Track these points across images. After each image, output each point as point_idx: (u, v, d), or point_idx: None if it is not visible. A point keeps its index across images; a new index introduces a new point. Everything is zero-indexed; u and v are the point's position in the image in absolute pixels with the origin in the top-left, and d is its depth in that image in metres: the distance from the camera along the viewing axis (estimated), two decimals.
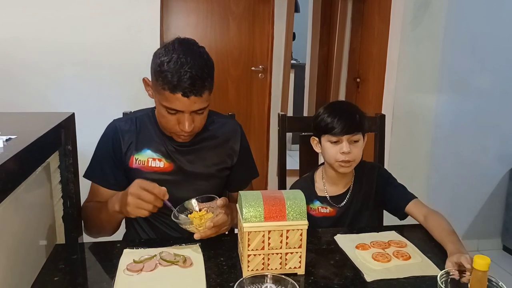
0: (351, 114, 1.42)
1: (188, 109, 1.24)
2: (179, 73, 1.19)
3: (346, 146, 1.40)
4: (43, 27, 2.37)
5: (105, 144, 1.41)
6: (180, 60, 1.20)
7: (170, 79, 1.19)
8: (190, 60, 1.20)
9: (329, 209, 1.50)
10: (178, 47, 1.23)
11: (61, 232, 1.34)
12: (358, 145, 1.43)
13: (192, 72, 1.19)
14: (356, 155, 1.42)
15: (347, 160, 1.41)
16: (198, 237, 1.18)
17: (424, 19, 2.62)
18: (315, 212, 1.50)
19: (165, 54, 1.23)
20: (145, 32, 2.48)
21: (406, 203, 1.42)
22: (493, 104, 2.80)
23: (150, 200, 1.15)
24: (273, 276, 0.96)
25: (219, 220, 1.20)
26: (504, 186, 2.94)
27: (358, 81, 3.52)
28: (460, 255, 1.08)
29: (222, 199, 1.22)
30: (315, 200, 1.51)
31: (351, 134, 1.40)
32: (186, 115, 1.26)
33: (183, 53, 1.21)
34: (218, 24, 3.28)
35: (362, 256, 1.18)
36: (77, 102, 2.42)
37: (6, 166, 0.86)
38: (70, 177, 1.32)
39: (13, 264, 1.00)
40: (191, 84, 1.19)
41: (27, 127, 1.25)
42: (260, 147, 3.48)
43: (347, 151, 1.40)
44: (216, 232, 1.21)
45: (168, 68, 1.20)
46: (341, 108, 1.46)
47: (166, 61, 1.21)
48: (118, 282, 1.04)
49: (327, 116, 1.42)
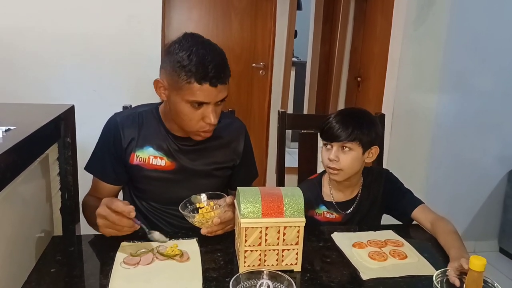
0: (348, 122, 1.37)
1: (214, 99, 1.25)
2: (203, 64, 1.20)
3: (334, 153, 1.37)
4: (44, 17, 2.36)
5: (105, 139, 1.40)
6: (199, 51, 1.21)
7: (195, 71, 1.20)
8: (210, 51, 1.23)
9: (334, 215, 1.47)
10: (192, 40, 1.25)
11: (58, 224, 1.34)
12: (350, 155, 1.37)
13: (215, 61, 1.22)
14: (344, 164, 1.37)
15: (333, 167, 1.38)
16: (204, 232, 1.18)
17: (427, 19, 2.61)
18: (320, 216, 1.47)
19: (182, 49, 1.22)
20: (146, 24, 2.47)
21: (413, 209, 1.40)
22: (494, 105, 2.79)
23: (116, 221, 1.13)
24: (270, 272, 0.96)
25: (227, 217, 1.20)
26: (502, 188, 2.94)
27: (359, 79, 3.52)
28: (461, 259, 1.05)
29: (230, 197, 1.23)
30: (321, 204, 1.48)
31: (341, 142, 1.37)
32: (211, 106, 1.26)
33: (200, 45, 1.23)
34: (220, 19, 3.27)
35: (358, 254, 1.18)
36: (77, 93, 2.42)
37: (4, 157, 0.86)
38: (69, 169, 1.32)
39: (10, 255, 1.00)
40: (216, 72, 1.21)
41: (26, 118, 1.25)
42: (260, 144, 3.48)
43: (333, 158, 1.37)
44: (222, 228, 1.21)
45: (190, 61, 1.20)
46: (346, 115, 1.42)
47: (186, 55, 1.21)
48: (115, 275, 1.04)
49: (330, 119, 1.41)
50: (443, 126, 2.76)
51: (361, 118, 1.41)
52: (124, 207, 1.12)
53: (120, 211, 1.12)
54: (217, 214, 1.20)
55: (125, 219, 1.13)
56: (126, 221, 1.13)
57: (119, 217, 1.12)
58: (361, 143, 1.38)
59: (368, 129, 1.38)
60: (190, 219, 1.20)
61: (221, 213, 1.20)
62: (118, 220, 1.12)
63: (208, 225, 1.19)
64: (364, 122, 1.39)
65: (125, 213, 1.11)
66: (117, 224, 1.13)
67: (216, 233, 1.21)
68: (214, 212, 1.21)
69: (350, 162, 1.38)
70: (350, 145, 1.37)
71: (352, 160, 1.38)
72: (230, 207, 1.22)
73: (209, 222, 1.19)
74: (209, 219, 1.19)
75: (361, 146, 1.38)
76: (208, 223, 1.19)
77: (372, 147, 1.41)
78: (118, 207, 1.11)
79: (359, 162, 1.40)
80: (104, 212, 1.13)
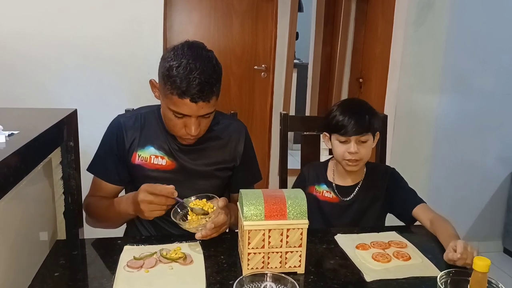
0: (361, 115, 1.43)
1: (195, 114, 1.25)
2: (188, 79, 1.19)
3: (354, 146, 1.42)
4: (45, 21, 2.37)
5: (109, 140, 1.42)
6: (189, 65, 1.20)
7: (179, 84, 1.19)
8: (200, 66, 1.20)
9: (332, 195, 1.52)
10: (188, 51, 1.23)
11: (62, 228, 1.34)
12: (367, 145, 1.45)
13: (201, 78, 1.19)
14: (363, 154, 1.44)
15: (354, 159, 1.44)
16: (199, 237, 1.18)
17: (427, 20, 2.61)
18: (319, 194, 1.53)
19: (174, 59, 1.22)
20: (148, 27, 2.48)
21: (413, 206, 1.42)
22: (495, 106, 2.79)
23: (161, 202, 1.19)
24: (273, 274, 0.96)
25: (220, 221, 1.20)
26: (505, 188, 2.93)
27: (360, 81, 3.52)
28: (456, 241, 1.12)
29: (222, 200, 1.23)
30: (322, 183, 1.54)
31: (360, 135, 1.42)
32: (193, 119, 1.26)
33: (193, 58, 1.21)
34: (221, 21, 3.28)
35: (362, 256, 1.18)
36: (79, 96, 2.42)
37: (8, 161, 0.86)
38: (72, 173, 1.32)
39: (14, 259, 1.01)
40: (199, 91, 1.20)
41: (29, 122, 1.25)
42: (262, 146, 3.48)
43: (354, 151, 1.42)
44: (216, 232, 1.21)
45: (177, 73, 1.20)
46: (353, 107, 1.48)
47: (175, 66, 1.21)
48: (118, 279, 1.04)
49: (339, 114, 1.44)
50: (445, 127, 2.76)
51: (368, 109, 1.48)
52: (167, 188, 1.18)
53: (165, 194, 1.18)
54: (210, 219, 1.20)
55: (170, 199, 1.19)
56: (171, 201, 1.20)
57: (164, 198, 1.18)
58: (372, 133, 1.46)
59: (376, 118, 1.47)
60: (181, 225, 1.20)
61: (214, 217, 1.20)
62: (165, 201, 1.19)
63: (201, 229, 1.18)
64: (371, 112, 1.47)
65: (170, 194, 1.18)
66: (164, 204, 1.19)
67: (211, 236, 1.21)
68: (207, 217, 1.21)
69: (368, 152, 1.46)
70: (367, 136, 1.44)
71: (368, 150, 1.46)
72: (223, 209, 1.22)
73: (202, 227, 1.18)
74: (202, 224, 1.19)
75: (372, 135, 1.46)
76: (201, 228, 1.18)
77: (376, 133, 1.50)
78: (162, 190, 1.18)
79: (372, 150, 1.49)
80: (149, 198, 1.18)
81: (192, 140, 1.35)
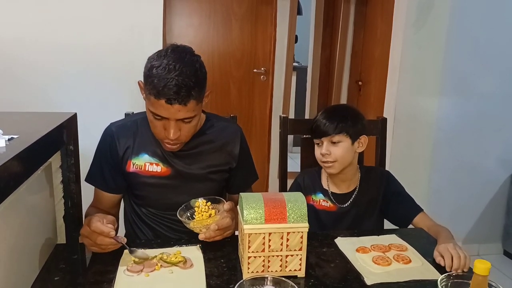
0: (333, 118, 1.46)
1: (172, 116, 1.22)
2: (165, 79, 1.17)
3: (325, 147, 1.46)
4: (46, 27, 2.37)
5: (102, 149, 1.41)
6: (169, 66, 1.18)
7: (156, 84, 1.18)
8: (179, 68, 1.18)
9: (329, 204, 1.52)
10: (171, 53, 1.22)
11: (62, 232, 1.34)
12: (340, 145, 1.46)
13: (178, 80, 1.17)
14: (337, 155, 1.45)
15: (326, 160, 1.46)
16: (202, 238, 1.18)
17: (426, 22, 2.61)
18: (316, 204, 1.53)
19: (156, 59, 1.21)
20: (147, 33, 2.48)
21: (414, 215, 1.44)
22: (495, 108, 2.79)
23: (97, 241, 1.12)
24: (273, 278, 0.96)
25: (224, 223, 1.20)
26: (505, 191, 2.93)
27: (360, 84, 3.52)
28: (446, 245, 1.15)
29: (229, 203, 1.23)
30: (318, 192, 1.55)
31: (329, 136, 1.45)
32: (171, 122, 1.23)
33: (174, 60, 1.19)
34: (221, 25, 3.28)
35: (362, 259, 1.18)
36: (79, 102, 2.43)
37: (8, 166, 0.86)
38: (72, 177, 1.32)
39: (14, 263, 1.01)
40: (175, 92, 1.17)
41: (29, 127, 1.25)
42: (261, 149, 3.48)
43: (324, 153, 1.46)
44: (220, 234, 1.21)
45: (156, 73, 1.18)
46: (332, 112, 1.51)
47: (155, 66, 1.20)
48: (118, 283, 1.04)
49: (316, 119, 1.50)
50: (445, 130, 2.76)
51: (345, 111, 1.51)
52: (102, 227, 1.11)
53: (99, 232, 1.11)
54: (215, 220, 1.20)
55: (107, 239, 1.12)
56: (108, 241, 1.13)
57: (101, 237, 1.12)
58: (348, 134, 1.46)
59: (352, 121, 1.47)
60: (187, 224, 1.21)
61: (219, 219, 1.20)
62: (100, 240, 1.12)
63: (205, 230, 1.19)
64: (348, 114, 1.49)
65: (105, 233, 1.11)
66: (99, 244, 1.13)
67: (214, 239, 1.21)
68: (212, 218, 1.21)
69: (342, 153, 1.46)
70: (338, 137, 1.45)
71: (343, 151, 1.46)
72: (229, 213, 1.22)
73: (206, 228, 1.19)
74: (206, 225, 1.19)
75: (349, 137, 1.46)
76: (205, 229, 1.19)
77: (360, 137, 1.49)
78: (97, 228, 1.11)
79: (351, 153, 1.48)
80: (86, 232, 1.14)
81: (175, 147, 1.31)
